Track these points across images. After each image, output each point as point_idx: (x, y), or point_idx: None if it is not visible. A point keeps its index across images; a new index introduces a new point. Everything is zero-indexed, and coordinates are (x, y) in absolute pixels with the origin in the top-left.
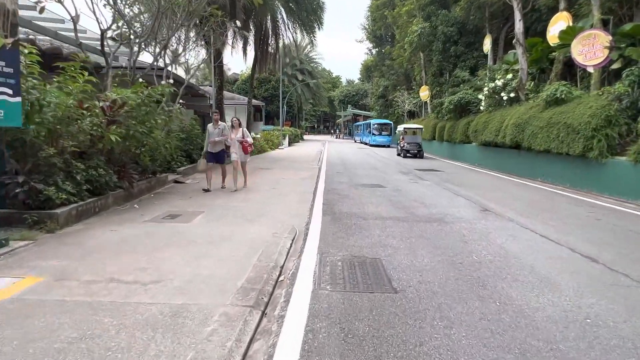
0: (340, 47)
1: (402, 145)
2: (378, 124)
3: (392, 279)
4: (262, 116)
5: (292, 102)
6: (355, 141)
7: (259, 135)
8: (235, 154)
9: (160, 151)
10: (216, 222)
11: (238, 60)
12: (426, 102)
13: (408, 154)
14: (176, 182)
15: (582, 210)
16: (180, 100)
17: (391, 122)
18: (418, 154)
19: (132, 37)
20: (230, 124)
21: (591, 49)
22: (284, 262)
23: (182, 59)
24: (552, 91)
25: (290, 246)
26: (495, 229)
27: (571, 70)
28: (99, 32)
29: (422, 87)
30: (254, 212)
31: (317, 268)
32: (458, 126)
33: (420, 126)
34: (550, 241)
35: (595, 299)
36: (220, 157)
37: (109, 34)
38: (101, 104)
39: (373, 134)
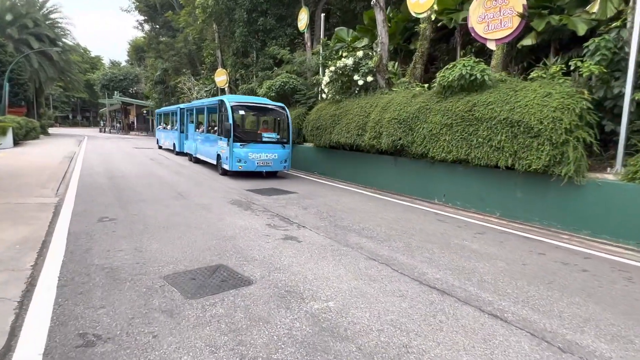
0: (102, 23)
1: None
2: (244, 106)
3: None
4: None
5: (24, 80)
6: (161, 147)
7: None
8: None
9: None
10: None
11: None
12: (224, 89)
13: None
14: None
15: None
16: None
17: (284, 106)
18: None
19: None
20: None
21: (497, 16)
22: None
23: None
24: (465, 71)
25: None
26: None
27: (434, 53)
28: None
29: (218, 70)
30: None
31: None
32: None
33: None
34: None
35: None
36: None
37: None
38: None
39: (236, 137)
